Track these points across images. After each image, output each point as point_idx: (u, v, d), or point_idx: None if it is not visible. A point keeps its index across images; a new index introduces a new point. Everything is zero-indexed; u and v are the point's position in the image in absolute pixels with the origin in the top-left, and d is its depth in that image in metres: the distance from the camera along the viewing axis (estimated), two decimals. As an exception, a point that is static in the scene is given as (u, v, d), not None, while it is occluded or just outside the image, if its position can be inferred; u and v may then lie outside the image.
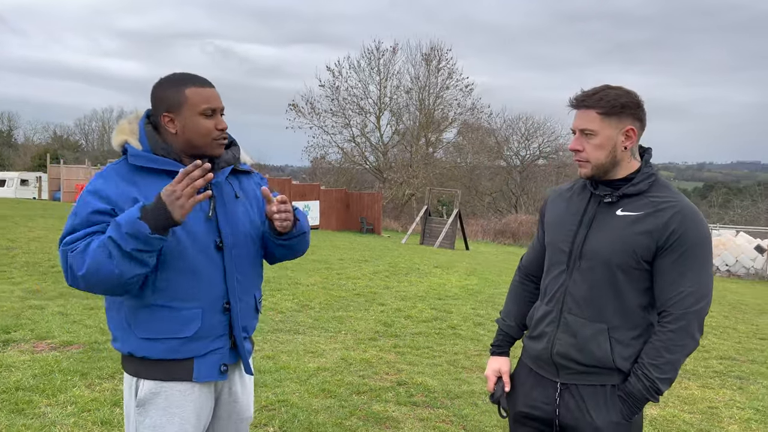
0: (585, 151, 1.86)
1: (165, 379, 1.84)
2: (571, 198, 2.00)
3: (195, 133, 1.85)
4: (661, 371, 1.79)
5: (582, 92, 1.88)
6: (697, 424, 4.38)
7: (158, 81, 1.91)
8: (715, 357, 6.49)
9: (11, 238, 10.82)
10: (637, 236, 1.81)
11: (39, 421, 3.48)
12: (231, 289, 1.89)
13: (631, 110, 1.84)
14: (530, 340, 2.05)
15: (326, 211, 26.38)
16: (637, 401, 1.83)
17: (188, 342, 1.83)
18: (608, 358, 1.84)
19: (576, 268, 1.90)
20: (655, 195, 1.85)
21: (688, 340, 1.80)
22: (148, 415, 1.84)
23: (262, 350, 5.32)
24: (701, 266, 1.81)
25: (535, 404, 1.99)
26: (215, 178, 1.90)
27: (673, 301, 1.80)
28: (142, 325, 1.81)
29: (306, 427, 3.76)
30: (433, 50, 39.08)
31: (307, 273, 9.95)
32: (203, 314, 1.84)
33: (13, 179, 33.35)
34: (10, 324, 5.37)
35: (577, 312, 1.89)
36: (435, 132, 40.43)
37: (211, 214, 1.87)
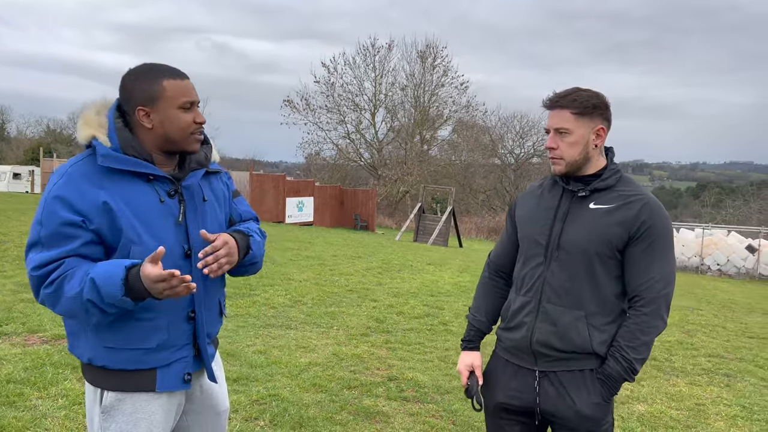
0: (560, 148, 1.97)
1: (125, 390, 1.78)
2: (542, 195, 2.10)
3: (173, 128, 1.75)
4: (638, 352, 1.92)
5: (555, 94, 1.99)
6: (684, 420, 4.43)
7: (129, 71, 1.79)
8: (703, 355, 6.55)
9: (3, 232, 10.78)
10: (611, 227, 1.93)
11: (30, 414, 3.49)
12: (197, 297, 1.83)
13: (600, 111, 1.97)
14: (506, 331, 2.11)
15: (320, 208, 26.38)
16: (616, 382, 1.95)
17: (151, 352, 1.77)
18: (587, 344, 1.95)
19: (554, 259, 1.99)
20: (623, 189, 1.98)
21: (659, 322, 1.94)
22: (113, 421, 1.78)
23: (253, 345, 5.34)
24: (667, 255, 1.95)
25: (514, 394, 2.06)
26: (187, 181, 1.82)
27: (645, 287, 1.93)
28: (106, 333, 1.74)
29: (296, 421, 3.78)
30: (428, 47, 39.13)
31: (300, 269, 9.97)
32: (168, 324, 1.78)
33: (6, 173, 33.18)
34: (1, 317, 5.36)
35: (556, 301, 1.98)
36: (430, 129, 40.49)
37: (181, 219, 1.78)
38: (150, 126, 1.75)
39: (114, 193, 1.69)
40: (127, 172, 1.73)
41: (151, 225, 1.73)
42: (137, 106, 1.75)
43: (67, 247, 1.67)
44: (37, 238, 1.68)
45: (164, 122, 1.75)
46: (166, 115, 1.74)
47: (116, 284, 1.61)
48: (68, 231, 1.66)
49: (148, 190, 1.75)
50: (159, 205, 1.75)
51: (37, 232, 1.68)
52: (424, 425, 3.92)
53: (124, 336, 1.74)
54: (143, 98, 1.74)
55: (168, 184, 1.79)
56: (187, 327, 1.83)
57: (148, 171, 1.74)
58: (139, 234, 1.70)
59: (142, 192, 1.74)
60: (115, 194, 1.70)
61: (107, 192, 1.69)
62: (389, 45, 38.87)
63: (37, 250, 1.68)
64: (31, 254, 1.69)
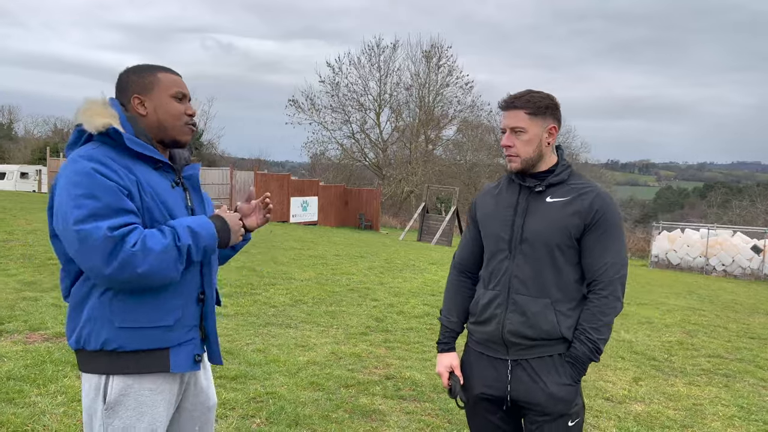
0: (515, 146, 2.09)
1: (139, 372, 1.80)
2: (500, 193, 2.21)
3: (166, 114, 1.86)
4: (600, 333, 2.04)
5: (510, 96, 2.12)
6: (681, 420, 4.43)
7: (128, 68, 1.92)
8: (703, 355, 6.54)
9: (9, 231, 10.86)
10: (569, 218, 2.06)
11: (29, 410, 3.53)
12: (206, 280, 1.93)
13: (552, 111, 2.11)
14: (477, 325, 2.20)
15: (325, 207, 26.43)
16: (583, 363, 2.07)
17: (167, 331, 1.82)
18: (556, 329, 2.06)
19: (518, 252, 2.10)
20: (575, 182, 2.12)
21: (616, 303, 2.07)
22: (117, 416, 1.80)
23: (253, 344, 5.37)
24: (619, 241, 2.09)
25: (490, 384, 2.15)
26: (188, 171, 1.95)
27: (601, 272, 2.06)
28: (123, 314, 1.76)
29: (292, 419, 3.81)
30: (433, 47, 39.14)
31: (301, 268, 10.00)
32: (183, 304, 1.86)
33: (13, 172, 33.35)
34: (3, 315, 5.42)
35: (524, 291, 2.09)
36: (435, 129, 40.49)
37: (189, 204, 1.92)
38: (144, 113, 1.86)
39: (138, 174, 1.77)
40: (141, 158, 1.81)
41: (170, 207, 1.83)
42: (133, 94, 1.86)
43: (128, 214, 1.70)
44: (95, 209, 1.66)
45: (158, 109, 1.86)
46: (160, 102, 1.86)
47: (210, 229, 1.81)
48: (125, 196, 1.71)
49: (159, 175, 1.85)
50: (171, 191, 1.86)
51: (91, 205, 1.65)
52: (419, 423, 3.94)
53: (144, 315, 1.79)
54: (139, 87, 1.86)
55: (172, 173, 1.90)
56: (196, 309, 1.91)
57: (160, 158, 1.84)
58: (164, 215, 1.80)
59: (156, 177, 1.84)
60: (140, 175, 1.77)
61: (133, 171, 1.76)
62: (394, 45, 38.92)
63: (101, 219, 1.66)
64: (96, 223, 1.65)
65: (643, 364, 5.96)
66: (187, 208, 1.90)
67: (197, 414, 2.01)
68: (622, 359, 6.04)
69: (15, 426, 3.32)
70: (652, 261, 22.09)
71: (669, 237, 22.12)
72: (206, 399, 2.03)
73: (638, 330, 7.66)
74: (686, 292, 12.57)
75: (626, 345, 6.71)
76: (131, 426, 1.80)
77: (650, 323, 8.22)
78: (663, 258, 21.90)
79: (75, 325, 1.81)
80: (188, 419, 2.00)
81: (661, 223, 23.98)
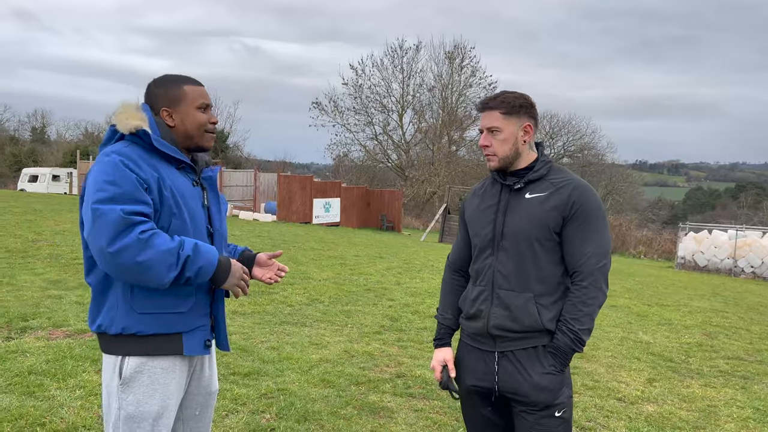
0: (492, 146, 2.17)
1: (153, 354, 1.95)
2: (484, 193, 2.29)
3: (192, 125, 2.04)
4: (581, 323, 2.08)
5: (486, 97, 2.21)
6: (693, 421, 4.39)
7: (154, 80, 2.09)
8: (722, 357, 6.45)
9: (38, 231, 11.19)
10: (547, 212, 2.11)
11: (48, 404, 3.67)
12: None
13: (526, 110, 2.16)
14: (467, 320, 2.28)
15: (347, 209, 26.56)
16: (566, 354, 2.11)
17: (182, 317, 1.98)
18: (538, 322, 2.11)
19: (500, 249, 2.17)
20: (554, 177, 2.17)
21: (598, 293, 2.10)
22: (131, 392, 1.95)
23: (267, 341, 5.47)
24: (600, 230, 2.11)
25: (481, 376, 2.22)
26: (207, 173, 2.12)
27: (582, 262, 2.09)
28: (143, 300, 1.92)
29: (302, 414, 3.88)
30: (456, 48, 39.08)
31: (320, 268, 10.10)
32: (196, 291, 2.00)
33: (46, 175, 34.21)
34: (28, 312, 5.60)
35: (507, 286, 2.15)
36: (458, 130, 40.38)
37: (206, 202, 2.08)
38: (172, 124, 2.05)
39: (162, 172, 1.95)
40: (165, 158, 1.99)
41: (188, 204, 2.00)
42: (162, 107, 2.04)
43: (144, 205, 1.86)
44: (113, 194, 1.83)
45: (184, 120, 2.05)
46: (187, 114, 2.05)
47: (213, 256, 1.93)
48: (142, 188, 1.87)
49: (182, 175, 2.04)
50: (192, 189, 2.04)
51: (113, 190, 1.83)
52: (427, 421, 3.98)
53: (161, 301, 1.94)
54: (167, 101, 2.05)
55: (193, 173, 2.08)
56: (207, 297, 2.06)
57: (182, 159, 2.02)
58: (181, 210, 1.96)
59: (179, 176, 2.02)
60: (163, 173, 1.95)
61: (158, 169, 1.94)
62: (417, 46, 38.98)
63: (118, 203, 1.82)
64: (111, 205, 1.81)
65: (659, 365, 5.90)
66: (204, 206, 2.06)
67: (199, 398, 2.16)
68: (637, 360, 5.99)
69: (33, 418, 3.45)
70: (678, 263, 21.72)
71: (696, 238, 21.73)
72: (208, 384, 2.18)
73: (657, 331, 7.57)
74: (711, 294, 12.35)
75: (643, 346, 6.64)
76: (144, 401, 1.96)
77: (670, 324, 8.12)
78: (689, 260, 21.52)
79: (98, 311, 1.98)
80: (191, 401, 2.14)
81: (687, 224, 23.57)
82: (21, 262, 8.17)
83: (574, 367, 5.47)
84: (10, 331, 5.06)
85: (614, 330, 7.37)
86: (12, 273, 7.45)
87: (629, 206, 44.41)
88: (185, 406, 2.13)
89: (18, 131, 52.71)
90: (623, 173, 47.60)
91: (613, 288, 11.47)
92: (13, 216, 13.14)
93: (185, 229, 1.97)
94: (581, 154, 44.09)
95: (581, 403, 4.55)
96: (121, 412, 1.96)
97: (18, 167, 40.85)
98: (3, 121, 52.35)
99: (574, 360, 5.68)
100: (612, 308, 8.97)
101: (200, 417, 2.17)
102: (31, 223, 12.28)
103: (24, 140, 50.79)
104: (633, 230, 31.07)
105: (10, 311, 5.52)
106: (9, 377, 4.00)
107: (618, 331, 7.30)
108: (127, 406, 1.96)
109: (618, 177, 45.68)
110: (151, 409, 1.96)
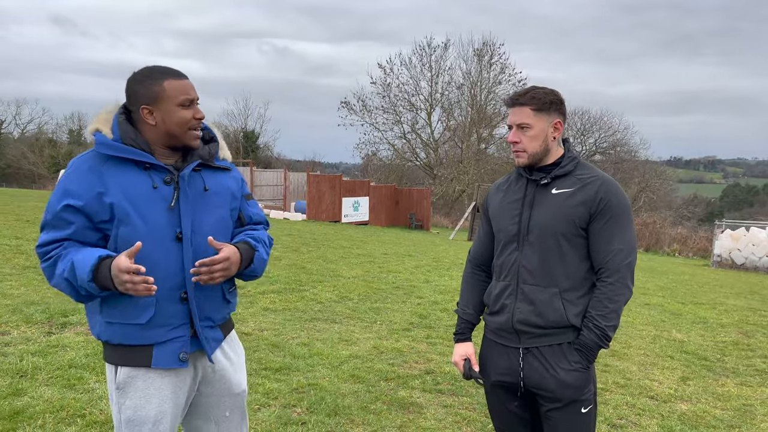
0: (522, 142, 2.16)
1: (123, 364, 1.93)
2: (509, 188, 2.29)
3: (173, 124, 1.92)
4: (608, 320, 2.07)
5: (515, 92, 2.19)
6: (728, 420, 4.31)
7: (133, 75, 1.96)
8: (759, 356, 6.30)
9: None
10: (574, 208, 2.11)
11: (87, 396, 3.79)
12: (189, 281, 1.94)
13: (557, 106, 2.15)
14: (491, 316, 2.28)
15: (376, 207, 26.63)
16: (592, 350, 2.10)
17: (145, 329, 1.91)
18: (563, 318, 2.11)
19: (526, 243, 2.16)
20: (581, 173, 2.17)
21: (624, 290, 2.09)
22: (128, 397, 1.94)
23: (298, 337, 5.54)
24: (626, 227, 2.12)
25: (505, 372, 2.22)
26: (182, 171, 1.96)
27: (608, 259, 2.09)
28: (106, 309, 1.91)
29: (332, 409, 3.94)
30: (485, 45, 38.84)
31: (349, 266, 10.17)
32: (157, 303, 1.90)
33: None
34: (68, 308, 5.78)
35: (532, 281, 2.15)
36: (487, 128, 40.11)
37: (173, 204, 1.92)
38: (153, 123, 1.93)
39: (110, 179, 1.88)
40: (126, 160, 1.91)
41: (140, 208, 1.88)
42: (141, 105, 1.93)
43: (64, 231, 1.89)
44: (44, 221, 1.93)
45: (165, 119, 1.92)
46: (167, 112, 1.92)
47: (86, 269, 1.80)
48: (66, 216, 1.88)
49: (143, 177, 1.92)
50: (151, 191, 1.90)
51: (44, 217, 1.92)
52: (456, 417, 4.00)
53: (120, 311, 1.91)
54: (146, 98, 1.92)
55: (165, 172, 1.94)
56: (181, 308, 1.95)
57: (143, 159, 1.91)
58: (128, 214, 1.87)
59: (137, 178, 1.91)
60: (111, 180, 1.88)
61: (102, 180, 1.88)
62: (445, 44, 38.83)
63: (45, 231, 1.93)
64: (41, 234, 1.93)
65: (693, 363, 5.80)
66: (170, 208, 1.92)
67: (225, 399, 2.12)
68: (671, 359, 5.90)
69: (75, 410, 3.58)
70: (714, 261, 21.22)
71: (732, 236, 21.19)
72: (231, 386, 2.13)
73: (691, 330, 7.44)
74: (748, 293, 12.06)
75: (677, 345, 6.54)
76: (141, 406, 1.95)
77: (705, 323, 7.96)
78: (726, 257, 21.00)
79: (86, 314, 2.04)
80: (216, 404, 2.12)
81: (724, 221, 23.01)
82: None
83: (605, 365, 5.42)
84: (51, 326, 5.23)
85: (647, 328, 7.26)
86: (52, 271, 7.69)
87: (663, 204, 43.51)
88: (212, 408, 2.11)
89: (56, 134, 54.30)
90: (657, 170, 46.65)
91: (647, 286, 11.28)
92: (52, 216, 13.53)
93: (136, 235, 1.85)
94: (613, 151, 43.38)
95: (612, 400, 4.51)
96: (121, 415, 1.96)
97: (56, 169, 42.08)
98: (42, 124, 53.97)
99: (605, 358, 5.62)
100: (645, 306, 8.83)
101: (231, 418, 2.14)
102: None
103: (62, 142, 52.25)
104: (667, 228, 30.44)
105: (51, 307, 5.71)
106: (51, 371, 4.14)
107: (651, 329, 7.19)
108: (126, 410, 1.95)
109: (651, 174, 44.78)
110: (149, 414, 1.94)
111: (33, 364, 4.20)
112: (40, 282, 6.66)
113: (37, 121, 54.26)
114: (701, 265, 21.47)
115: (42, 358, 4.37)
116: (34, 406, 3.57)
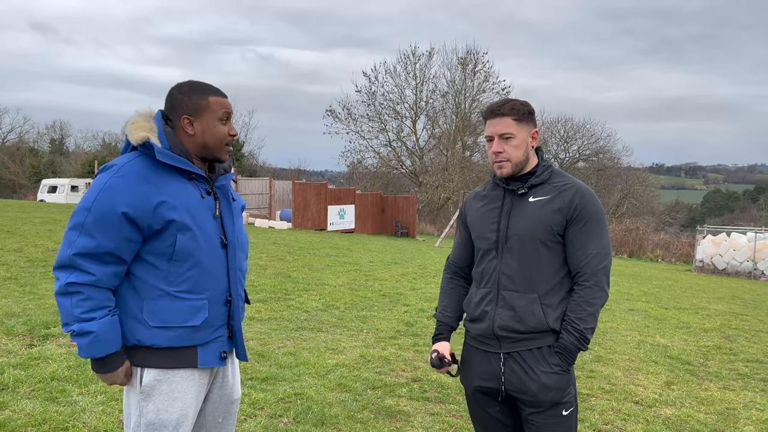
0: (506, 152, 2.20)
1: (170, 366, 1.98)
2: (486, 197, 2.35)
3: (212, 137, 2.04)
4: (586, 322, 2.13)
5: (494, 104, 2.25)
6: (712, 424, 4.36)
7: (178, 86, 2.07)
8: (741, 360, 6.38)
9: (58, 241, 11.37)
10: (550, 215, 2.17)
11: (70, 409, 3.74)
12: (233, 283, 2.08)
13: (532, 117, 2.25)
14: (471, 322, 2.31)
15: (361, 215, 26.61)
16: (571, 353, 2.15)
17: (195, 331, 1.99)
18: (543, 323, 2.15)
19: (505, 251, 2.21)
20: (556, 181, 2.23)
21: (601, 293, 2.15)
22: (151, 401, 1.98)
23: (284, 347, 5.51)
24: (601, 232, 2.18)
25: (487, 377, 2.25)
26: (220, 182, 2.10)
27: (584, 263, 2.15)
28: (155, 315, 1.95)
29: (319, 418, 3.92)
30: (469, 54, 39.04)
31: (335, 274, 10.15)
32: (210, 305, 2.01)
33: (64, 185, 34.68)
34: (50, 320, 5.70)
35: (512, 287, 2.19)
36: (472, 135, 40.30)
37: (217, 213, 2.06)
38: (192, 133, 2.03)
39: (166, 189, 1.94)
40: (174, 170, 1.98)
41: (197, 217, 1.99)
42: (183, 115, 2.02)
43: (107, 240, 1.88)
44: (82, 222, 1.88)
45: (205, 131, 2.03)
46: (208, 125, 2.03)
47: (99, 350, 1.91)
48: (114, 220, 1.88)
49: (190, 187, 2.01)
50: (201, 200, 2.02)
51: (84, 217, 1.88)
52: (443, 424, 4.00)
53: (172, 316, 1.97)
54: (190, 109, 2.03)
55: (205, 183, 2.06)
56: (223, 309, 2.07)
57: (192, 170, 2.00)
58: (187, 224, 1.95)
59: (188, 188, 2.00)
60: (168, 189, 1.94)
61: (157, 189, 1.92)
62: (430, 52, 39.01)
63: (79, 233, 1.89)
64: (73, 235, 1.89)
65: (677, 368, 5.86)
66: (215, 217, 2.05)
67: (222, 405, 2.18)
68: (655, 363, 5.95)
69: (57, 423, 3.52)
70: (696, 266, 21.48)
71: (714, 241, 21.48)
72: (231, 392, 2.20)
73: (674, 334, 7.51)
74: (730, 297, 12.22)
75: (661, 349, 6.60)
76: (164, 410, 1.99)
77: (688, 328, 8.05)
78: (708, 263, 21.27)
79: None
80: (214, 409, 2.17)
81: (705, 227, 23.32)
82: (42, 272, 8.30)
83: (590, 370, 5.46)
84: (32, 338, 5.15)
85: (631, 333, 7.32)
86: (33, 282, 7.59)
87: (646, 210, 43.94)
88: (209, 413, 2.16)
89: (37, 143, 53.56)
90: (639, 176, 47.14)
91: (631, 291, 11.39)
92: (33, 226, 13.37)
93: (195, 242, 1.96)
94: (596, 158, 43.78)
95: (598, 406, 4.54)
96: (142, 419, 1.99)
97: (38, 178, 41.52)
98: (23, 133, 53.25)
99: (590, 363, 5.66)
100: (629, 312, 8.91)
101: (223, 424, 2.19)
102: (51, 232, 12.48)
103: (43, 152, 51.59)
104: (650, 234, 30.76)
105: (33, 319, 5.62)
106: (32, 383, 4.08)
107: (635, 335, 7.25)
108: (148, 413, 1.99)
109: (634, 180, 45.23)
110: (172, 417, 1.98)
111: (14, 377, 4.14)
112: (21, 293, 6.56)
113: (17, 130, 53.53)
114: (684, 271, 21.72)
115: (23, 370, 4.30)
116: (16, 420, 3.51)
